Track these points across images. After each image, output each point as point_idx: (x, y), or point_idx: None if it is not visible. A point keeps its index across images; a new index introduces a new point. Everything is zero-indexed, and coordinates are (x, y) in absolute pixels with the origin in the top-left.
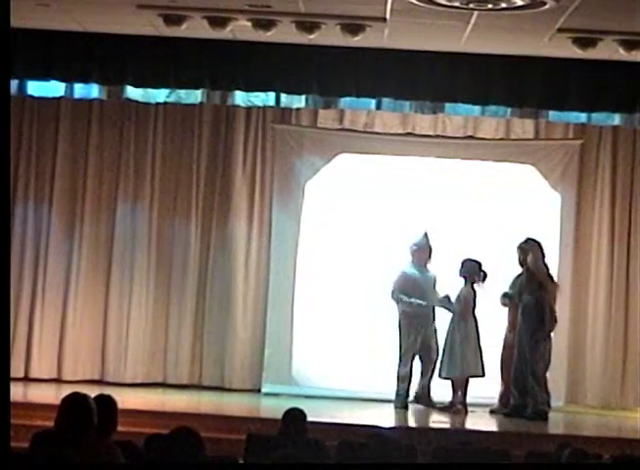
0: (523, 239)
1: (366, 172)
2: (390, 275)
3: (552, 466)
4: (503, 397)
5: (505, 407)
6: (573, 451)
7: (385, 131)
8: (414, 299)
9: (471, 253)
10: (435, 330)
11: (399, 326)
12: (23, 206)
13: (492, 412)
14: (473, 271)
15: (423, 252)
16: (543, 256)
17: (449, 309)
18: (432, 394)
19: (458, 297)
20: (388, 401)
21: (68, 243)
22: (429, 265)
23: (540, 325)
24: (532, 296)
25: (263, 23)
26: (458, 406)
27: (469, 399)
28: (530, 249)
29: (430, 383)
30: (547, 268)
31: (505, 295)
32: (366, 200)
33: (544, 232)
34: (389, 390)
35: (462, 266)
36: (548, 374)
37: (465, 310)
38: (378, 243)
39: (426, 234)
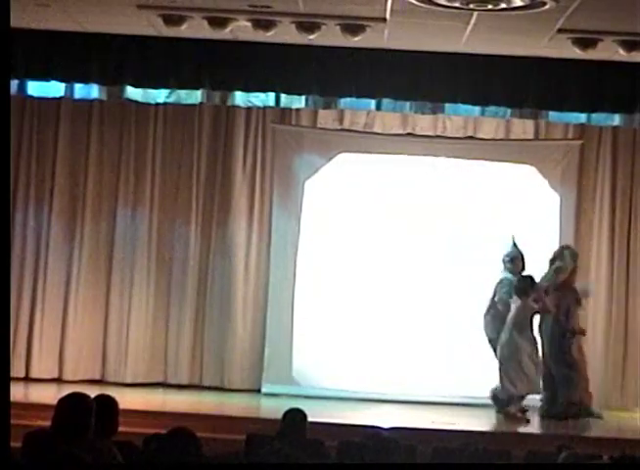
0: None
1: (366, 172)
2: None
3: (552, 466)
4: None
5: None
6: (571, 454)
7: (385, 131)
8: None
9: (470, 252)
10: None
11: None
12: (24, 206)
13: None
14: (527, 288)
15: (516, 260)
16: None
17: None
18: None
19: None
20: (388, 402)
21: (69, 243)
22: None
23: None
24: None
25: (263, 24)
26: (517, 415)
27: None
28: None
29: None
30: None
31: None
32: (366, 200)
33: (544, 232)
34: (389, 390)
35: (517, 283)
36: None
37: (521, 325)
38: (377, 243)
39: (514, 243)
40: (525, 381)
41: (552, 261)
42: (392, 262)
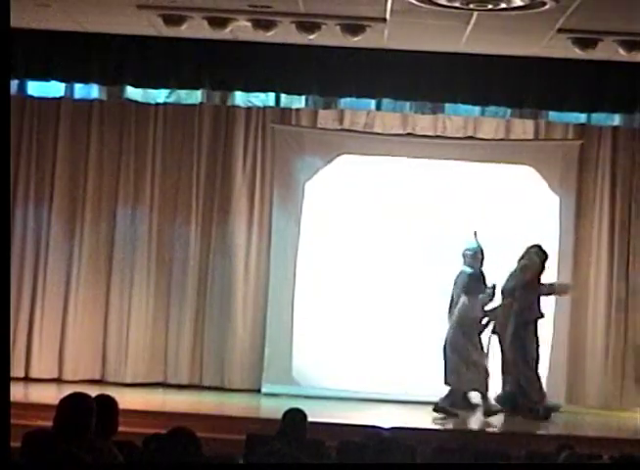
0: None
1: (366, 172)
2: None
3: (552, 466)
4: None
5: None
6: (571, 454)
7: (385, 132)
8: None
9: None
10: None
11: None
12: (24, 206)
13: None
14: (479, 285)
15: (478, 255)
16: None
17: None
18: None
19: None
20: (388, 402)
21: (69, 243)
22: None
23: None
24: None
25: (263, 24)
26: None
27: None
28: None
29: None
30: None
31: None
32: (366, 200)
33: (544, 233)
34: (389, 390)
35: (467, 280)
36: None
37: (468, 324)
38: (377, 243)
39: (476, 238)
40: (480, 378)
41: (519, 260)
42: (393, 263)
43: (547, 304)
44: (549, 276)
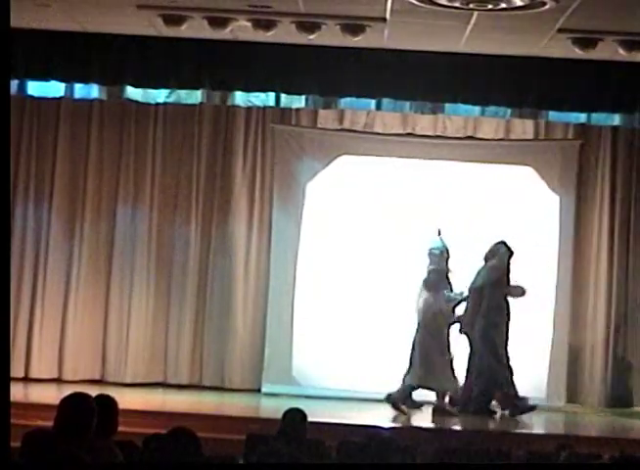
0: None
1: (366, 173)
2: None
3: (552, 466)
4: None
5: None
6: (571, 454)
7: (385, 132)
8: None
9: (470, 253)
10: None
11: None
12: (24, 206)
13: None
14: (440, 282)
15: (444, 253)
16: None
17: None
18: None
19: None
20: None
21: (69, 243)
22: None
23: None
24: None
25: (263, 24)
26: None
27: None
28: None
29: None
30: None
31: None
32: (366, 200)
33: (544, 233)
34: (389, 390)
35: (428, 277)
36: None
37: (428, 319)
38: (377, 243)
39: (439, 235)
40: (444, 379)
41: (486, 259)
42: (393, 263)
43: (547, 303)
44: (549, 276)
